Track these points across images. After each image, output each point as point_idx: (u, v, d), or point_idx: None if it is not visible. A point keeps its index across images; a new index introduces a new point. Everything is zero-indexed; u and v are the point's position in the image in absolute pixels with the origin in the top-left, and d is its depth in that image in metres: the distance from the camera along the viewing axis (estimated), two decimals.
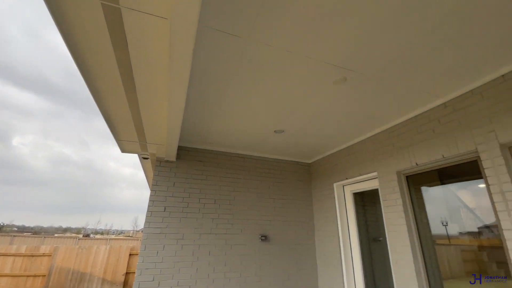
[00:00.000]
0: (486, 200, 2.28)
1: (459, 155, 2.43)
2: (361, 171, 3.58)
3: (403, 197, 2.92)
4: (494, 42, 1.88)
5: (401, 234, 2.84)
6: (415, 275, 2.63)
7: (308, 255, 4.31)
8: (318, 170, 4.67)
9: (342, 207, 4.05)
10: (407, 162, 2.89)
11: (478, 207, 2.84)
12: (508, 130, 2.07)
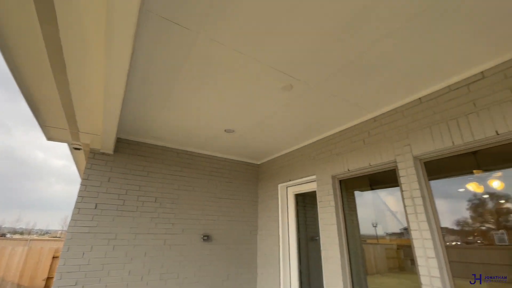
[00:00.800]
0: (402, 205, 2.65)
1: (382, 164, 2.77)
2: (303, 174, 3.82)
3: (335, 199, 3.20)
4: (413, 70, 2.20)
5: (332, 233, 3.10)
6: (341, 270, 2.90)
7: (250, 255, 4.39)
8: (265, 172, 4.81)
9: (284, 207, 4.25)
10: (341, 168, 3.19)
11: (399, 211, 3.29)
12: (420, 144, 2.45)
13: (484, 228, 5.61)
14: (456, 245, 5.95)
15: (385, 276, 6.14)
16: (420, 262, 2.24)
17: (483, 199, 5.55)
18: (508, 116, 1.92)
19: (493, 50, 1.96)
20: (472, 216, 5.60)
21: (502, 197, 5.07)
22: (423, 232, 2.26)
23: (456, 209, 5.42)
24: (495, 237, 5.30)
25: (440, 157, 2.37)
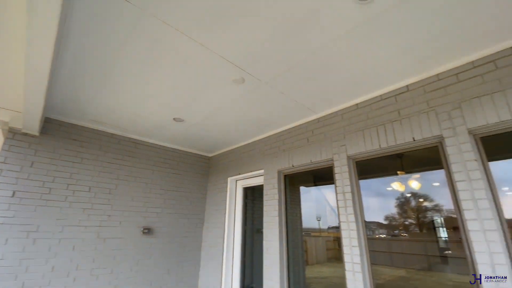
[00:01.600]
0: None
1: (321, 161, 2.99)
2: (252, 168, 3.90)
3: (279, 192, 3.36)
4: (353, 78, 2.41)
5: (273, 225, 3.25)
6: (279, 259, 3.07)
7: (194, 247, 4.33)
8: (216, 165, 4.78)
9: (232, 200, 4.28)
10: (287, 163, 3.34)
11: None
12: (353, 145, 2.71)
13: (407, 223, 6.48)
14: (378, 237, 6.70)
15: (324, 265, 6.69)
16: (345, 251, 2.50)
17: (407, 198, 6.40)
18: (423, 125, 2.25)
19: (417, 67, 2.26)
20: (398, 212, 6.43)
21: (421, 196, 5.92)
22: (350, 224, 2.53)
23: (385, 206, 6.16)
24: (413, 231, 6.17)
25: (369, 157, 2.66)
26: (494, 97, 1.94)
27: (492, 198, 1.85)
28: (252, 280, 4.04)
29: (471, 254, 1.84)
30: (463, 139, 2.00)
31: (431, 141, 2.22)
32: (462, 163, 1.97)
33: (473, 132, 2.01)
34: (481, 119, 1.95)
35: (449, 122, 2.10)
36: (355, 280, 2.36)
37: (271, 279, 3.09)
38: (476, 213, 1.84)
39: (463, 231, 1.92)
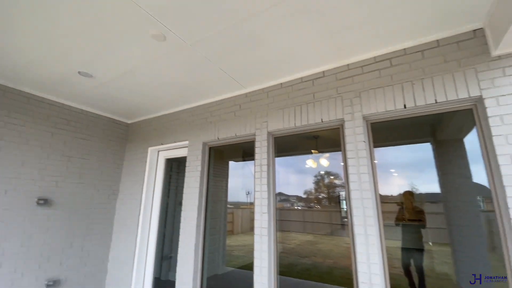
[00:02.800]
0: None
1: (245, 135, 3.09)
2: (176, 138, 3.73)
3: (202, 164, 3.34)
4: (278, 58, 2.49)
5: (193, 195, 3.25)
6: (195, 228, 3.12)
7: (104, 220, 3.98)
8: (136, 132, 4.37)
9: (152, 171, 4.05)
10: (212, 135, 3.32)
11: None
12: (274, 122, 2.87)
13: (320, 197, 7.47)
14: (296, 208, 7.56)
15: (248, 234, 7.18)
16: (256, 217, 2.72)
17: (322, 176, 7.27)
18: (330, 109, 2.53)
19: (333, 55, 2.48)
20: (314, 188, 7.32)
21: (332, 175, 6.82)
22: (263, 193, 2.73)
23: (305, 182, 6.88)
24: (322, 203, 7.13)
25: (286, 134, 2.88)
26: (385, 90, 2.31)
27: (371, 173, 2.27)
28: (172, 251, 4.04)
29: (351, 218, 2.25)
30: (358, 123, 2.35)
31: (335, 123, 2.54)
32: (354, 143, 2.33)
33: (366, 118, 2.39)
34: (373, 108, 2.32)
35: (350, 108, 2.42)
36: (261, 242, 2.61)
37: (186, 246, 3.14)
38: (359, 185, 2.24)
39: (348, 200, 2.32)
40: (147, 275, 3.70)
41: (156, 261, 3.79)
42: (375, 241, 2.09)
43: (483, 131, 1.95)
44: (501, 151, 1.78)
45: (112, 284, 3.77)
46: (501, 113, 1.83)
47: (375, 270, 2.04)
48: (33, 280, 3.13)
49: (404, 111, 2.23)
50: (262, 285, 2.51)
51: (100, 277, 3.81)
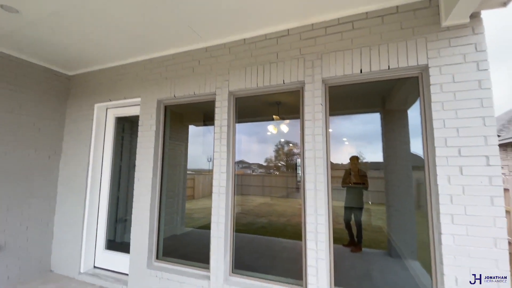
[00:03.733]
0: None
1: (205, 94, 2.93)
2: (127, 94, 3.39)
3: (157, 123, 3.14)
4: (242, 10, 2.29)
5: (147, 156, 3.09)
6: (150, 189, 3.03)
7: (47, 181, 3.62)
8: (79, 86, 3.85)
9: (101, 130, 3.70)
10: (168, 93, 3.09)
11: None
12: (236, 81, 2.76)
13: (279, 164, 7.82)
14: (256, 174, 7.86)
15: (208, 198, 7.31)
16: (215, 176, 2.72)
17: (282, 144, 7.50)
18: (293, 70, 2.51)
19: (299, 12, 2.38)
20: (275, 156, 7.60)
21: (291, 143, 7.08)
22: (222, 154, 2.71)
23: (266, 150, 7.05)
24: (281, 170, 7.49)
25: (247, 95, 2.81)
26: (345, 54, 2.34)
27: (325, 135, 2.38)
28: (127, 214, 3.91)
29: (304, 176, 2.39)
30: (317, 86, 2.38)
31: (296, 85, 2.54)
32: (312, 106, 2.38)
33: (325, 81, 2.43)
34: (332, 71, 2.35)
35: (311, 70, 2.42)
36: (219, 200, 2.66)
37: (140, 207, 3.06)
38: (313, 145, 2.35)
39: (302, 159, 2.44)
40: (100, 237, 3.58)
41: (110, 224, 3.66)
42: (323, 196, 2.28)
43: (425, 98, 2.14)
44: (436, 116, 1.99)
45: (59, 247, 3.57)
46: (442, 81, 2.01)
47: (321, 221, 2.26)
48: None
49: (360, 76, 2.31)
50: (218, 239, 2.61)
51: (45, 241, 3.57)
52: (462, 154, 1.91)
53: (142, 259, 2.95)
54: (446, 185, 1.92)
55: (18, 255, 3.26)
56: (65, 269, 3.47)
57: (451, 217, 1.89)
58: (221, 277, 2.55)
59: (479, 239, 1.81)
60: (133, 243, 3.04)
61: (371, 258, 3.73)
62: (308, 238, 2.28)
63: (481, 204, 1.83)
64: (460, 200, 1.88)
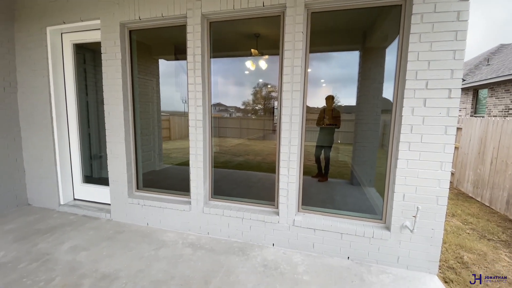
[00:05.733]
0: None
1: (174, 17, 2.62)
2: (83, 16, 2.93)
3: (123, 51, 2.84)
4: None
5: (115, 88, 2.89)
6: (123, 122, 2.93)
7: (6, 117, 3.33)
8: (26, 6, 3.22)
9: (58, 60, 3.30)
10: (132, 15, 2.72)
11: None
12: (209, 2, 2.46)
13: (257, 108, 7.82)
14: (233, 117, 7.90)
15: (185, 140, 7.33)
16: (191, 110, 2.67)
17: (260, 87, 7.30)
18: None
19: None
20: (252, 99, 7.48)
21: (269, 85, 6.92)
22: (197, 85, 2.61)
23: (244, 94, 6.87)
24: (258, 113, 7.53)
25: (222, 19, 2.56)
26: None
27: (304, 66, 2.34)
28: (101, 150, 3.84)
29: (280, 109, 2.42)
30: (299, 10, 2.22)
31: (277, 9, 2.34)
32: (292, 34, 2.26)
33: (308, 5, 2.26)
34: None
35: None
36: (196, 133, 2.68)
37: (114, 140, 3.00)
38: (291, 77, 2.32)
39: (279, 93, 2.43)
40: (76, 172, 3.56)
41: (84, 161, 3.61)
42: (297, 128, 2.37)
43: (404, 30, 2.11)
44: (412, 48, 2.01)
45: (34, 182, 3.54)
46: (423, 11, 1.96)
47: (294, 150, 2.41)
48: None
49: (345, 0, 2.17)
50: (198, 169, 2.73)
51: (17, 176, 3.49)
52: (429, 87, 2.01)
53: (123, 189, 3.05)
54: (410, 116, 2.07)
55: None
56: (44, 202, 3.52)
57: (409, 144, 2.10)
58: (201, 201, 2.76)
59: (428, 163, 2.08)
60: (111, 175, 3.08)
61: (335, 186, 4.21)
62: (281, 166, 2.46)
63: (436, 133, 2.04)
64: (419, 129, 2.07)
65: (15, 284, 1.99)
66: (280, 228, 2.53)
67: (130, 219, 3.07)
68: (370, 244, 2.30)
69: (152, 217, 2.97)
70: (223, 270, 2.20)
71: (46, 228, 2.93)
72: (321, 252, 2.44)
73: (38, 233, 2.82)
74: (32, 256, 2.37)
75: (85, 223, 3.07)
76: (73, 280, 2.05)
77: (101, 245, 2.59)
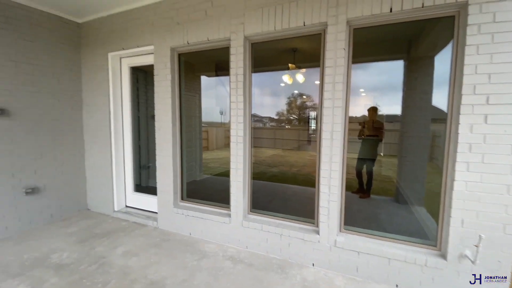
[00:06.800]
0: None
1: (219, 40, 2.80)
2: (139, 42, 3.29)
3: (172, 73, 3.11)
4: None
5: (165, 106, 3.15)
6: (171, 138, 3.17)
7: (74, 131, 3.84)
8: (90, 35, 3.74)
9: (117, 81, 3.73)
10: (181, 40, 2.97)
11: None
12: (252, 25, 2.59)
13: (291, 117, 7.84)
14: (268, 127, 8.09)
15: (222, 150, 7.62)
16: (232, 126, 2.79)
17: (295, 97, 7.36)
18: (314, 10, 2.30)
19: None
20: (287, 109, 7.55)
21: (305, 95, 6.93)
22: (239, 103, 2.72)
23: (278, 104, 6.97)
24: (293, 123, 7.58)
25: (264, 40, 2.66)
26: None
27: (346, 82, 2.31)
28: (149, 161, 4.18)
29: (321, 125, 2.40)
30: (341, 28, 2.21)
31: (317, 28, 2.37)
32: (334, 51, 2.25)
33: (350, 22, 2.24)
34: (359, 10, 2.15)
35: (335, 9, 2.22)
36: (237, 148, 2.78)
37: (163, 154, 3.25)
38: (332, 93, 2.30)
39: (319, 110, 2.42)
40: (128, 181, 3.92)
41: (135, 170, 3.96)
42: (339, 145, 2.32)
43: (458, 41, 1.97)
44: (469, 61, 1.86)
45: (93, 189, 3.97)
46: (481, 21, 1.82)
47: (335, 168, 2.35)
48: (10, 189, 3.16)
49: (390, 15, 2.11)
50: (238, 183, 2.81)
51: (80, 184, 3.97)
52: (490, 102, 1.83)
53: (169, 199, 3.27)
54: (468, 133, 1.90)
55: (58, 196, 3.67)
56: (101, 207, 3.92)
57: (467, 165, 1.91)
58: (241, 215, 2.82)
59: (492, 186, 1.86)
60: (159, 185, 3.33)
61: (379, 204, 3.95)
62: (322, 183, 2.41)
63: (501, 153, 1.83)
64: (480, 148, 1.88)
65: (76, 285, 2.24)
66: (320, 248, 2.46)
67: (174, 228, 3.26)
68: (422, 272, 2.11)
69: (194, 227, 3.12)
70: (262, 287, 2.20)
71: (102, 233, 3.25)
72: (365, 276, 2.31)
73: (96, 236, 3.14)
74: (90, 259, 2.65)
75: (135, 230, 3.33)
76: (125, 284, 2.23)
77: (149, 251, 2.79)
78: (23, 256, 2.69)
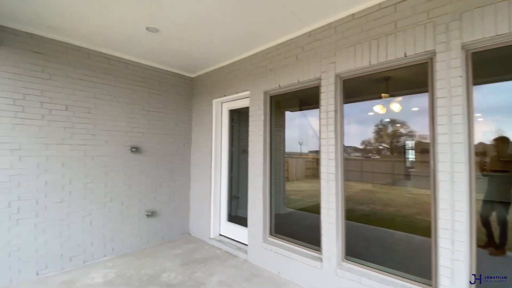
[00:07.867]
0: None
1: (309, 80, 2.91)
2: (237, 89, 3.78)
3: (265, 113, 3.37)
4: None
5: (258, 143, 3.40)
6: (262, 172, 3.34)
7: (183, 164, 4.58)
8: (200, 86, 4.58)
9: (218, 122, 4.32)
10: (273, 84, 3.24)
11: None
12: (343, 62, 2.60)
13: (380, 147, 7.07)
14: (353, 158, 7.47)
15: (302, 181, 7.48)
16: (323, 163, 2.72)
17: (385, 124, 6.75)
18: (418, 39, 2.12)
19: None
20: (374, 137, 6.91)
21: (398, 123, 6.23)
22: (330, 140, 2.66)
23: (364, 132, 6.52)
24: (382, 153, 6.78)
25: (357, 75, 2.60)
26: (497, 7, 1.79)
27: (467, 114, 1.94)
28: (238, 192, 4.50)
29: (435, 164, 2.05)
30: (455, 54, 1.93)
31: (422, 57, 2.15)
32: (447, 80, 1.97)
33: (467, 47, 1.94)
34: (478, 32, 1.85)
35: (445, 35, 1.98)
36: (328, 187, 2.66)
37: (255, 187, 3.43)
38: (448, 127, 1.96)
39: (432, 146, 2.08)
40: (222, 210, 4.28)
41: (228, 201, 4.32)
42: (463, 189, 1.89)
43: None
44: None
45: (195, 216, 4.51)
46: None
47: (460, 218, 1.90)
48: (136, 211, 3.95)
49: None
50: (330, 225, 2.64)
51: (185, 210, 4.59)
52: None
53: (258, 233, 3.35)
54: None
55: (168, 220, 4.33)
56: (199, 233, 4.37)
57: None
58: (334, 261, 2.59)
59: None
60: (250, 219, 3.48)
61: None
62: (441, 236, 1.98)
63: None
64: None
65: None
66: None
67: (263, 263, 3.27)
68: None
69: (283, 265, 3.04)
70: None
71: (201, 258, 3.57)
72: None
73: (195, 261, 3.47)
74: (192, 283, 2.91)
75: (228, 259, 3.52)
76: None
77: (241, 285, 2.86)
78: (141, 271, 3.21)
